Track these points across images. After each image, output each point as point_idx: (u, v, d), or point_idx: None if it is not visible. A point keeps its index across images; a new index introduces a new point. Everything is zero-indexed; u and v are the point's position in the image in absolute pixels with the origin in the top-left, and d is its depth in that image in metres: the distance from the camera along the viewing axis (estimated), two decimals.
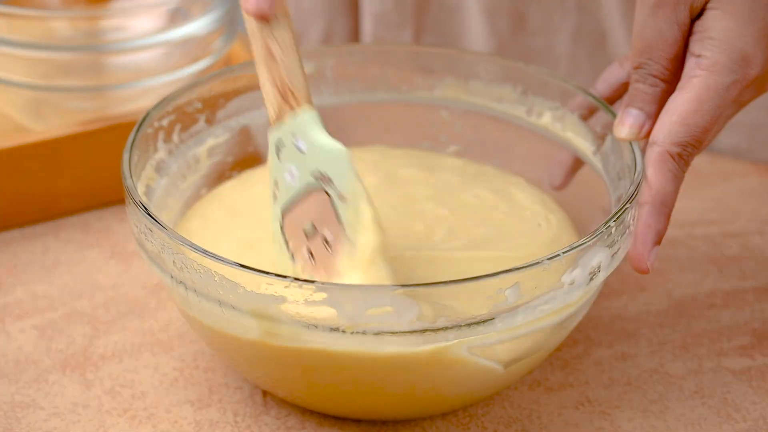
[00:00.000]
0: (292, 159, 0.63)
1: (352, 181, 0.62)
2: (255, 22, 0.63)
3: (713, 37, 0.63)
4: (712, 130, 0.64)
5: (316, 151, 0.62)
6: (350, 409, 0.65)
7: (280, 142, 0.63)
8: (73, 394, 0.68)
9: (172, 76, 0.83)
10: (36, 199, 0.81)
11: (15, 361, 0.70)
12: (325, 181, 0.62)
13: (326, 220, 0.62)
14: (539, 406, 0.67)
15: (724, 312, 0.74)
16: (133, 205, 0.63)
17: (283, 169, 0.63)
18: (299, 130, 0.63)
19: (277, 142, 0.64)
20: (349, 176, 0.62)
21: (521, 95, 0.75)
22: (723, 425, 0.66)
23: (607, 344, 0.71)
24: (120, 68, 0.82)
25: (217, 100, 0.73)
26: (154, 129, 0.70)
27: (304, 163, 0.63)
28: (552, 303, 0.60)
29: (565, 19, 0.91)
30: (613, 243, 0.61)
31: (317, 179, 0.62)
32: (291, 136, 0.63)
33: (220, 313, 0.60)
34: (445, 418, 0.66)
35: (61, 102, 0.83)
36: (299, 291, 0.57)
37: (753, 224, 0.82)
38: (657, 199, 0.63)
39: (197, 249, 0.59)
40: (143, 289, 0.76)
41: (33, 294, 0.75)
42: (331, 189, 0.62)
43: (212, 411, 0.67)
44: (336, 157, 0.62)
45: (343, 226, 0.62)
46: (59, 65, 0.81)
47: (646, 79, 0.65)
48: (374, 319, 0.57)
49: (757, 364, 0.70)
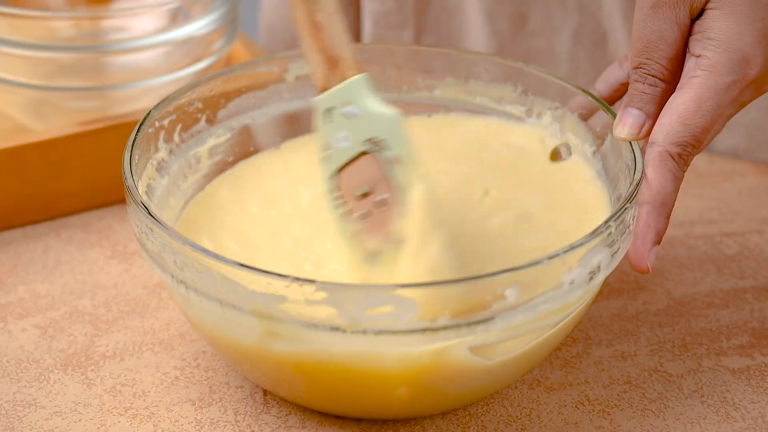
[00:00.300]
0: (344, 125, 0.64)
1: (405, 144, 0.63)
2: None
3: (713, 37, 0.63)
4: (711, 130, 0.64)
5: (369, 117, 0.64)
6: (350, 409, 0.65)
7: (329, 108, 0.64)
8: (75, 393, 0.68)
9: (173, 76, 0.83)
10: (37, 198, 0.81)
11: (16, 360, 0.70)
12: (379, 145, 0.63)
13: (380, 182, 0.63)
14: (539, 405, 0.67)
15: (723, 311, 0.74)
16: (134, 205, 0.63)
17: (333, 134, 0.64)
18: (351, 96, 0.64)
19: (326, 109, 0.64)
20: (403, 139, 0.63)
21: (521, 95, 0.75)
22: (722, 424, 0.66)
23: (607, 343, 0.72)
24: (121, 68, 0.82)
25: (217, 100, 0.73)
26: (155, 129, 0.70)
27: (357, 128, 0.64)
28: (552, 302, 0.60)
29: (566, 20, 0.91)
30: (613, 242, 0.61)
31: (371, 143, 0.64)
32: (341, 103, 0.64)
33: (220, 313, 0.60)
34: (445, 418, 0.66)
35: (63, 102, 0.83)
36: (300, 290, 0.57)
37: (752, 224, 0.82)
38: (657, 199, 0.63)
39: (198, 248, 0.59)
40: (144, 289, 0.76)
41: (34, 293, 0.75)
42: (384, 153, 0.63)
43: (213, 410, 0.67)
44: (389, 122, 0.63)
45: (397, 188, 0.63)
46: (60, 65, 0.81)
47: (646, 79, 0.65)
48: (374, 319, 0.57)
49: (756, 363, 0.70)
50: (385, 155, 0.63)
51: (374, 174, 0.64)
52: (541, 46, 0.93)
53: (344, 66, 0.64)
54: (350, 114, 0.64)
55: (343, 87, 0.64)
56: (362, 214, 0.64)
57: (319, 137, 0.65)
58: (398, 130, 0.64)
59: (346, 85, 0.64)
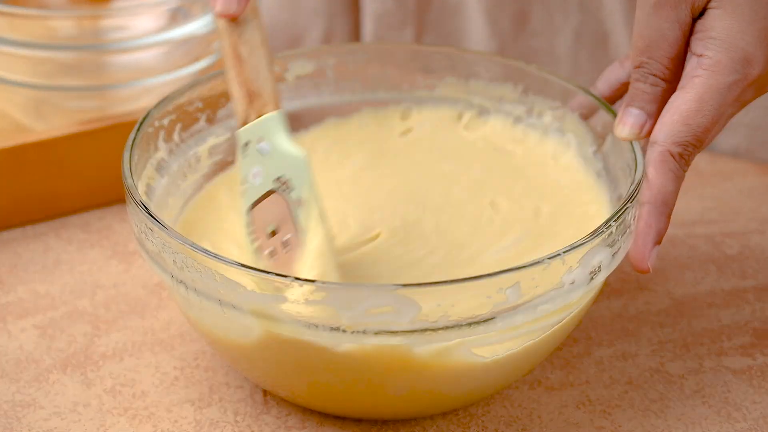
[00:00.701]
0: (257, 160, 0.64)
1: (308, 187, 0.63)
2: (223, 22, 0.64)
3: (715, 37, 0.63)
4: (713, 129, 0.64)
5: (278, 155, 0.64)
6: (350, 409, 0.65)
7: (247, 143, 0.64)
8: (74, 393, 0.68)
9: (172, 76, 0.83)
10: (37, 198, 0.81)
11: (16, 360, 0.70)
12: (285, 185, 0.63)
13: (285, 221, 0.63)
14: (540, 406, 0.67)
15: (724, 311, 0.74)
16: (134, 205, 0.63)
17: (249, 170, 0.64)
18: (263, 133, 0.64)
19: (244, 143, 0.65)
20: (307, 182, 0.63)
21: (522, 95, 0.75)
22: (723, 424, 0.66)
23: (608, 343, 0.71)
24: (121, 67, 0.82)
25: (217, 100, 0.73)
26: (154, 128, 0.70)
27: (267, 166, 0.64)
28: (552, 302, 0.60)
29: (567, 20, 0.91)
30: (614, 242, 0.61)
31: (278, 183, 0.63)
32: (257, 138, 0.64)
33: (220, 313, 0.60)
34: (445, 418, 0.66)
35: (62, 101, 0.83)
36: (299, 290, 0.57)
37: (753, 223, 0.82)
38: (658, 199, 0.63)
39: (198, 248, 0.59)
40: (144, 289, 0.76)
41: (34, 293, 0.75)
42: (290, 193, 0.63)
43: (213, 410, 0.67)
44: (295, 162, 0.63)
45: (299, 230, 0.63)
46: (60, 65, 0.81)
47: (647, 78, 0.65)
48: (374, 319, 0.57)
49: (758, 364, 0.70)
50: (290, 196, 0.63)
51: (282, 213, 0.63)
52: (542, 45, 0.92)
53: (261, 101, 0.64)
54: (263, 150, 0.64)
55: (257, 123, 0.64)
56: (270, 251, 0.64)
57: (238, 170, 0.65)
58: (303, 171, 0.63)
59: (260, 121, 0.64)
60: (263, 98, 0.64)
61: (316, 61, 0.76)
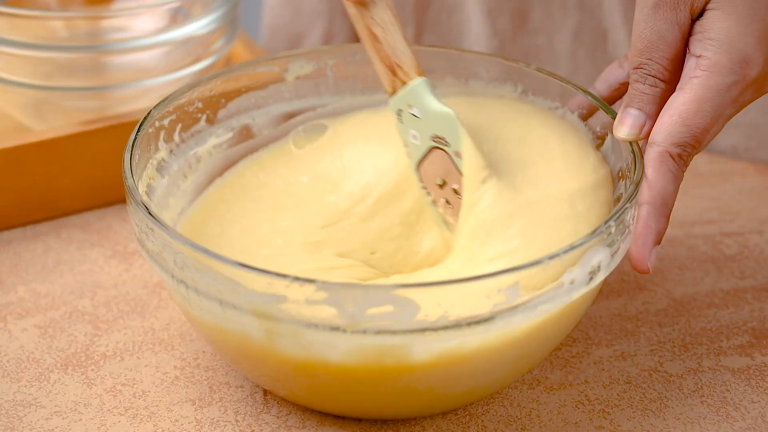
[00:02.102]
0: (412, 124, 0.69)
1: (462, 139, 0.67)
2: (354, 7, 0.68)
3: (713, 38, 0.63)
4: (711, 130, 0.64)
5: (429, 117, 0.68)
6: (351, 409, 0.65)
7: (400, 110, 0.69)
8: (75, 393, 0.68)
9: (173, 76, 0.83)
10: (37, 198, 0.81)
11: (17, 359, 0.70)
12: (442, 141, 0.68)
13: (450, 173, 0.68)
14: (539, 405, 0.67)
15: (723, 311, 0.74)
16: (134, 205, 0.63)
17: (407, 133, 0.69)
18: (412, 99, 0.69)
19: (398, 110, 0.69)
20: (460, 135, 0.67)
21: (521, 95, 0.75)
22: (722, 424, 0.66)
23: (607, 343, 0.72)
24: (121, 68, 0.82)
25: (218, 100, 0.73)
26: (155, 128, 0.70)
27: (422, 127, 0.69)
28: (552, 302, 0.60)
29: (566, 19, 0.91)
30: (613, 242, 0.61)
31: (436, 140, 0.68)
32: (407, 105, 0.69)
33: (220, 313, 0.60)
34: (445, 418, 0.66)
35: (63, 102, 0.83)
36: (300, 290, 0.57)
37: (752, 224, 0.82)
38: (657, 199, 0.63)
39: (198, 248, 0.59)
40: (144, 289, 0.76)
41: (34, 293, 0.75)
42: (448, 148, 0.68)
43: (213, 410, 0.67)
44: (445, 120, 0.68)
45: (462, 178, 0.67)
46: (61, 65, 0.81)
47: (646, 79, 0.65)
48: (374, 319, 0.57)
49: (756, 363, 0.70)
50: (449, 149, 0.68)
51: (446, 165, 0.68)
52: (541, 44, 0.93)
53: (402, 72, 0.69)
54: (415, 115, 0.69)
55: (404, 92, 0.69)
56: (444, 202, 0.69)
57: (399, 135, 0.71)
58: (454, 126, 0.67)
59: (405, 90, 0.69)
60: (404, 69, 0.69)
61: (316, 61, 0.76)
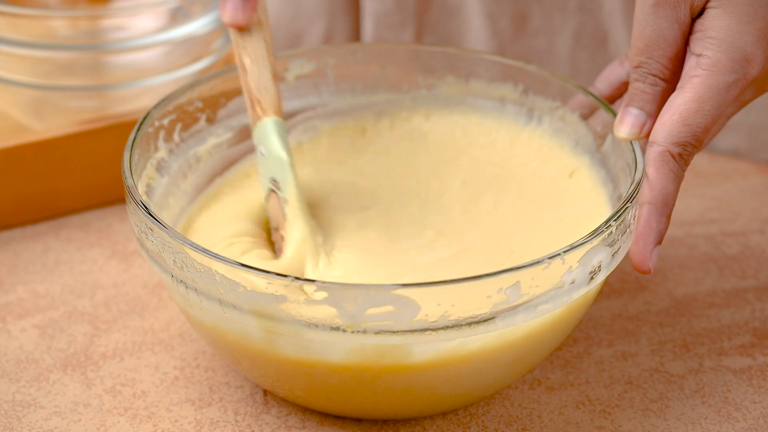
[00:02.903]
0: (261, 162, 0.68)
1: (290, 188, 0.67)
2: (234, 32, 0.68)
3: (714, 36, 0.63)
4: (712, 129, 0.64)
5: (270, 158, 0.68)
6: (351, 409, 0.65)
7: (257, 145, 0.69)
8: (74, 393, 0.68)
9: (172, 76, 0.83)
10: (37, 198, 0.81)
11: (16, 360, 0.70)
12: (277, 185, 0.67)
13: (280, 218, 0.67)
14: (540, 406, 0.67)
15: (724, 311, 0.74)
16: (134, 205, 0.63)
17: (260, 168, 0.69)
18: (260, 137, 0.68)
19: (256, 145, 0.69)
20: (288, 182, 0.67)
21: (522, 94, 0.75)
22: (723, 424, 0.66)
23: (608, 343, 0.72)
24: (121, 67, 0.82)
25: (217, 99, 0.73)
26: (154, 128, 0.70)
27: (266, 168, 0.68)
28: (552, 302, 0.60)
29: (567, 20, 0.91)
30: (614, 242, 0.61)
31: (273, 183, 0.67)
32: (257, 143, 0.68)
33: (220, 312, 0.60)
34: (445, 418, 0.66)
35: (62, 101, 0.83)
36: (300, 290, 0.57)
37: (753, 223, 0.82)
38: (658, 199, 0.63)
39: (198, 248, 0.59)
40: (144, 288, 0.76)
41: (34, 293, 0.75)
42: (280, 193, 0.67)
43: (213, 410, 0.67)
44: (280, 164, 0.67)
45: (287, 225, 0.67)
46: (60, 64, 0.81)
47: (646, 78, 0.65)
48: (375, 319, 0.57)
49: (758, 364, 0.70)
50: (280, 195, 0.67)
51: (278, 210, 0.68)
52: (541, 46, 0.92)
53: (261, 108, 0.68)
54: (263, 153, 0.68)
55: (256, 128, 0.68)
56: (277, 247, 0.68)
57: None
58: (286, 172, 0.67)
59: (257, 127, 0.68)
60: (262, 105, 0.68)
61: (316, 61, 0.76)
